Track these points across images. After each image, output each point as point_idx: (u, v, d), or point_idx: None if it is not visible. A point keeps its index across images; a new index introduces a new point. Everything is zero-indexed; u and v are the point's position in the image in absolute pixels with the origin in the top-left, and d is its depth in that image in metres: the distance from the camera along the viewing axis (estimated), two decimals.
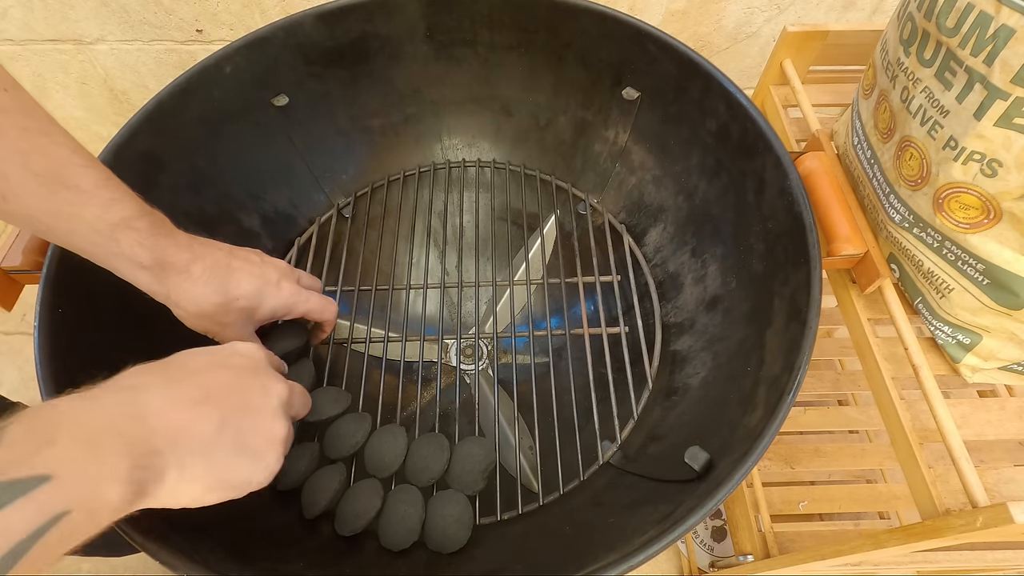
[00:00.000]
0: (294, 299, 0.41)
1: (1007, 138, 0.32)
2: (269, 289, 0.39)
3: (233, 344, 0.33)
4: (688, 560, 0.79)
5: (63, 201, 0.30)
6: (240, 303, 0.38)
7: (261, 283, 0.39)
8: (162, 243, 0.34)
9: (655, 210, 0.55)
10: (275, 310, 0.40)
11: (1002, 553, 0.51)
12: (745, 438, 0.35)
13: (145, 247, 0.33)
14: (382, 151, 0.60)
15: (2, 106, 0.29)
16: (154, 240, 0.34)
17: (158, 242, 0.34)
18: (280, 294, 0.40)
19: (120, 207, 0.32)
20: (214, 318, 0.37)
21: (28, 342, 1.01)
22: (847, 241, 0.43)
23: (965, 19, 0.32)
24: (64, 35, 0.81)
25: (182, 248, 0.35)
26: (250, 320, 0.40)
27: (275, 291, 0.40)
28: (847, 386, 0.73)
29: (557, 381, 0.52)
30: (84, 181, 0.31)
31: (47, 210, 0.30)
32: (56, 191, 0.30)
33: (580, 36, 0.51)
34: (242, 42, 0.48)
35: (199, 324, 0.38)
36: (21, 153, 0.29)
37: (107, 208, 0.32)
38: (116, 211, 0.32)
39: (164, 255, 0.34)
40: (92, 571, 0.81)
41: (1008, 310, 0.38)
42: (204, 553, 0.33)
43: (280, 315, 0.41)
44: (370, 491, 0.42)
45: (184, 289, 0.36)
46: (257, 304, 0.39)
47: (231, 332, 0.39)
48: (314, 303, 0.42)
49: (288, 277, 0.41)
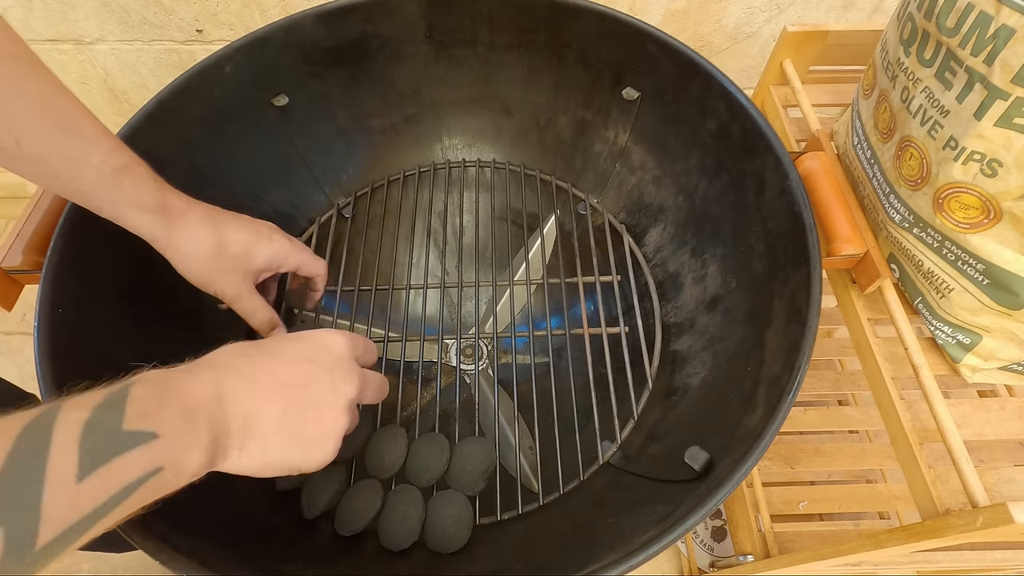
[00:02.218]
0: (286, 250, 0.43)
1: (1007, 138, 0.32)
2: (261, 240, 0.41)
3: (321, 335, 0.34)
4: (688, 560, 0.79)
5: (72, 147, 0.33)
6: (234, 248, 0.40)
7: (253, 233, 0.41)
8: (161, 186, 0.37)
9: (655, 210, 0.55)
10: (270, 260, 0.42)
11: (1002, 553, 0.51)
12: (745, 438, 0.35)
13: (146, 190, 0.36)
14: (382, 151, 0.60)
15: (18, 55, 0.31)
16: (154, 183, 0.36)
17: (157, 185, 0.36)
18: (272, 245, 0.42)
19: (121, 152, 0.35)
20: (210, 264, 0.39)
21: (28, 342, 1.00)
22: (847, 241, 0.43)
23: (965, 19, 0.32)
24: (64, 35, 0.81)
25: (179, 195, 0.38)
26: (246, 271, 0.41)
27: (267, 242, 0.42)
28: (847, 386, 0.73)
29: (557, 381, 0.52)
30: (90, 129, 0.33)
31: (58, 154, 0.32)
32: (67, 137, 0.32)
33: (580, 36, 0.51)
34: (242, 42, 0.48)
35: (196, 270, 0.39)
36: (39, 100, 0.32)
37: (111, 153, 0.34)
38: (118, 156, 0.34)
39: (164, 198, 0.36)
40: (92, 571, 0.81)
41: (1008, 310, 0.38)
42: (204, 553, 0.33)
43: (275, 266, 0.43)
44: (370, 491, 0.42)
45: (185, 231, 0.37)
46: (251, 252, 0.41)
47: (228, 280, 0.40)
48: (307, 256, 0.45)
49: (278, 232, 0.43)
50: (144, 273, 0.42)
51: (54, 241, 0.39)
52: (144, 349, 0.43)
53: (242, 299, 0.41)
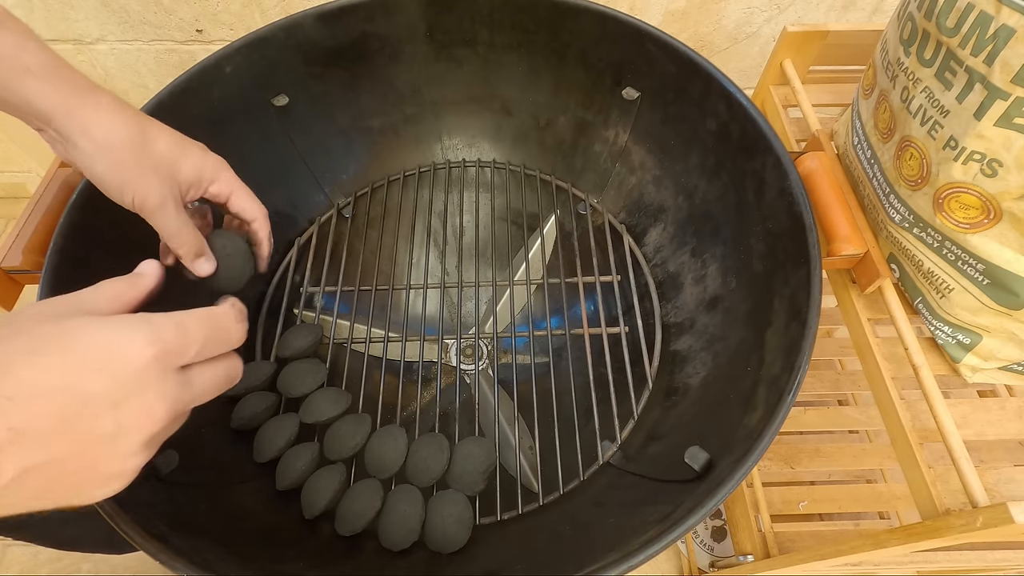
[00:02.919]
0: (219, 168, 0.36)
1: (1007, 138, 0.32)
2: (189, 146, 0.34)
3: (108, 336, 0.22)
4: (688, 560, 0.79)
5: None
6: (158, 146, 0.32)
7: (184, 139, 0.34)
8: (52, 53, 0.31)
9: (655, 210, 0.55)
10: (199, 171, 0.35)
11: (1002, 553, 0.51)
12: (745, 438, 0.35)
13: (29, 50, 0.30)
14: (382, 151, 0.60)
15: None
16: (39, 44, 0.30)
17: (46, 49, 0.30)
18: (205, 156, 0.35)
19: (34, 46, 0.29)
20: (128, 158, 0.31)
21: None
22: (847, 241, 0.43)
23: (965, 19, 0.32)
24: (64, 35, 0.81)
25: (79, 72, 0.31)
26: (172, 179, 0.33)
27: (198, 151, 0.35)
28: (847, 386, 0.73)
29: (557, 381, 0.52)
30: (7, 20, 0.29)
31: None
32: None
33: (580, 36, 0.51)
34: (242, 42, 0.48)
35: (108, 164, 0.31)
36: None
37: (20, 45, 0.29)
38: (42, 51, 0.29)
39: (58, 63, 0.30)
40: (92, 571, 0.81)
41: (1008, 310, 0.38)
42: (204, 553, 0.33)
43: (205, 183, 0.35)
44: (370, 491, 0.42)
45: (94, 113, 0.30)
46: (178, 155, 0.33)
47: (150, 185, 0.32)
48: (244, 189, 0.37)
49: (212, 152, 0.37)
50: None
51: (54, 241, 0.39)
52: None
53: (167, 211, 0.33)
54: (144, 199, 0.32)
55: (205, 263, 0.36)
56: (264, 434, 0.45)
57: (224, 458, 0.44)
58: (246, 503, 0.41)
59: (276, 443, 0.44)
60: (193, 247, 0.35)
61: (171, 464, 0.38)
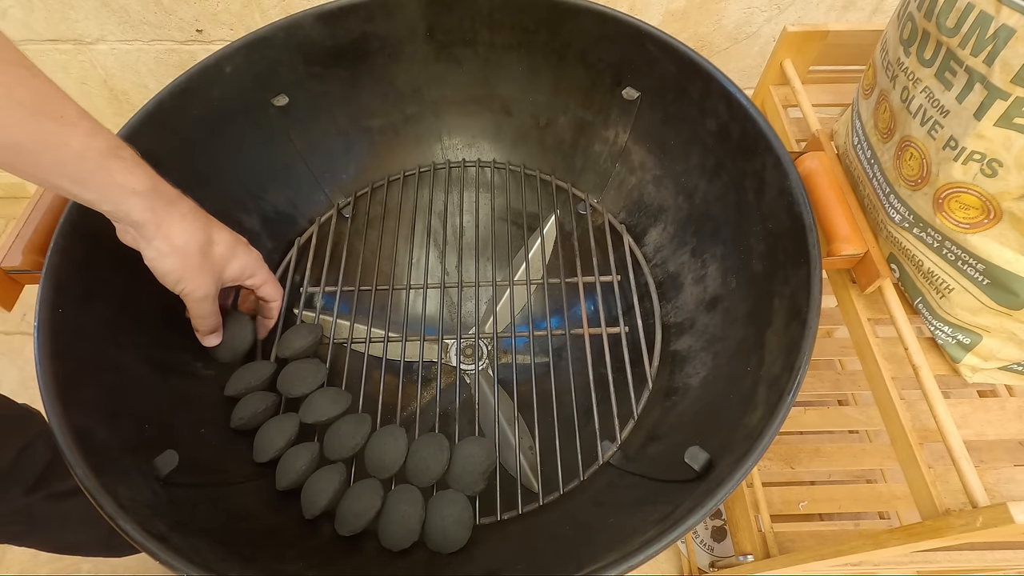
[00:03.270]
0: (256, 265, 0.44)
1: (1007, 138, 0.32)
2: (239, 247, 0.42)
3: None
4: (688, 560, 0.79)
5: (49, 131, 0.30)
6: (218, 248, 0.40)
7: (234, 238, 0.41)
8: (149, 172, 0.35)
9: (655, 210, 0.55)
10: (242, 269, 0.42)
11: (1002, 553, 0.51)
12: (745, 438, 0.35)
13: (136, 174, 0.34)
14: (382, 151, 0.60)
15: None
16: (143, 168, 0.34)
17: (146, 170, 0.35)
18: (249, 255, 0.43)
19: (104, 136, 0.32)
20: (192, 259, 0.38)
21: (28, 342, 1.00)
22: (847, 241, 0.43)
23: (965, 19, 0.32)
24: (64, 35, 0.81)
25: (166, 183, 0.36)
26: (219, 276, 0.41)
27: (246, 250, 0.42)
28: (847, 386, 0.73)
29: (557, 381, 0.52)
30: (68, 111, 0.31)
31: (35, 139, 0.30)
32: (42, 121, 0.30)
33: (580, 36, 0.51)
34: (242, 42, 0.48)
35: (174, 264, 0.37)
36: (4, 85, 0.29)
37: (92, 136, 0.32)
38: (101, 139, 0.32)
39: (155, 182, 0.35)
40: (92, 571, 0.81)
41: (1008, 310, 0.38)
42: (204, 553, 0.33)
43: (244, 277, 0.43)
44: (370, 491, 0.42)
45: (174, 221, 0.36)
46: (230, 256, 0.41)
47: (200, 281, 0.39)
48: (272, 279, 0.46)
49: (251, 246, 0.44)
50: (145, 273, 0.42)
51: (54, 241, 0.39)
52: (144, 350, 0.43)
53: (206, 302, 0.41)
54: (193, 291, 0.39)
55: (214, 339, 0.45)
56: (264, 434, 0.45)
57: (224, 458, 0.44)
58: (246, 503, 0.41)
59: (276, 443, 0.44)
60: (210, 327, 0.44)
61: (171, 464, 0.38)
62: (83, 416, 0.35)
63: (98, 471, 0.33)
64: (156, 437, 0.39)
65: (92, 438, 0.35)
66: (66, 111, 0.31)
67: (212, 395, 0.46)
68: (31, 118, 0.30)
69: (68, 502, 0.57)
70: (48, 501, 0.56)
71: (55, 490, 0.56)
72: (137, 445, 0.38)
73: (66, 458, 0.33)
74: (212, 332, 0.45)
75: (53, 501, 0.56)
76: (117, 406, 0.39)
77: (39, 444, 0.55)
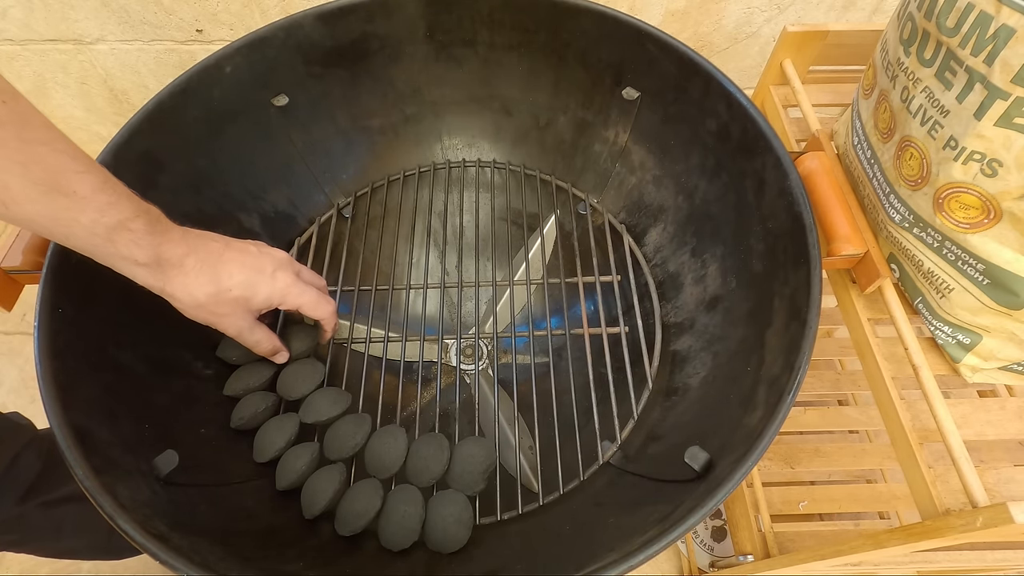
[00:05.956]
0: (288, 289, 0.42)
1: (1007, 138, 0.32)
2: (262, 279, 0.41)
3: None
4: (688, 560, 0.79)
5: (61, 207, 0.31)
6: (233, 293, 0.39)
7: (253, 272, 0.40)
8: (157, 240, 0.35)
9: (655, 210, 0.55)
10: (270, 298, 0.41)
11: (1002, 553, 0.51)
12: (745, 438, 0.35)
13: (141, 246, 0.34)
14: (382, 151, 0.60)
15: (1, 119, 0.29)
16: (150, 239, 0.35)
17: (153, 240, 0.35)
18: (275, 284, 0.41)
19: (115, 210, 0.33)
20: (209, 308, 0.39)
21: (28, 342, 1.00)
22: (847, 241, 0.43)
23: (965, 19, 0.32)
24: (64, 35, 0.81)
25: (176, 243, 0.37)
26: (247, 310, 0.41)
27: (269, 280, 0.41)
28: (847, 386, 0.73)
29: (557, 381, 0.52)
30: (82, 187, 0.32)
31: (46, 215, 0.31)
32: (55, 198, 0.31)
33: (580, 36, 0.51)
34: (242, 42, 0.48)
35: (197, 314, 0.39)
36: (21, 164, 0.30)
37: (103, 212, 0.33)
38: (112, 214, 0.33)
39: (160, 252, 0.36)
40: (92, 571, 0.81)
41: (1008, 310, 0.38)
42: (204, 553, 0.33)
43: (276, 304, 0.42)
44: (370, 491, 0.42)
45: (179, 282, 0.37)
46: (251, 294, 0.40)
47: (229, 322, 0.41)
48: (308, 297, 0.43)
49: (285, 268, 0.42)
50: None
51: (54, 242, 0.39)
52: (145, 349, 0.43)
53: (243, 336, 0.42)
54: (227, 330, 0.41)
55: (281, 356, 0.47)
56: (264, 434, 0.45)
57: (224, 458, 0.44)
58: (246, 503, 0.41)
59: (276, 443, 0.44)
60: (268, 350, 0.45)
61: (171, 464, 0.38)
62: (83, 416, 0.35)
63: (98, 471, 0.33)
64: (156, 437, 0.39)
65: (92, 438, 0.35)
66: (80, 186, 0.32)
67: (212, 395, 0.46)
68: (44, 196, 0.31)
69: (62, 509, 0.58)
70: (41, 509, 0.56)
71: (48, 498, 0.56)
72: (137, 445, 0.38)
73: (66, 458, 0.33)
74: (273, 353, 0.46)
75: (46, 509, 0.57)
76: (117, 406, 0.39)
77: (29, 453, 0.55)
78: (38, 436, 0.57)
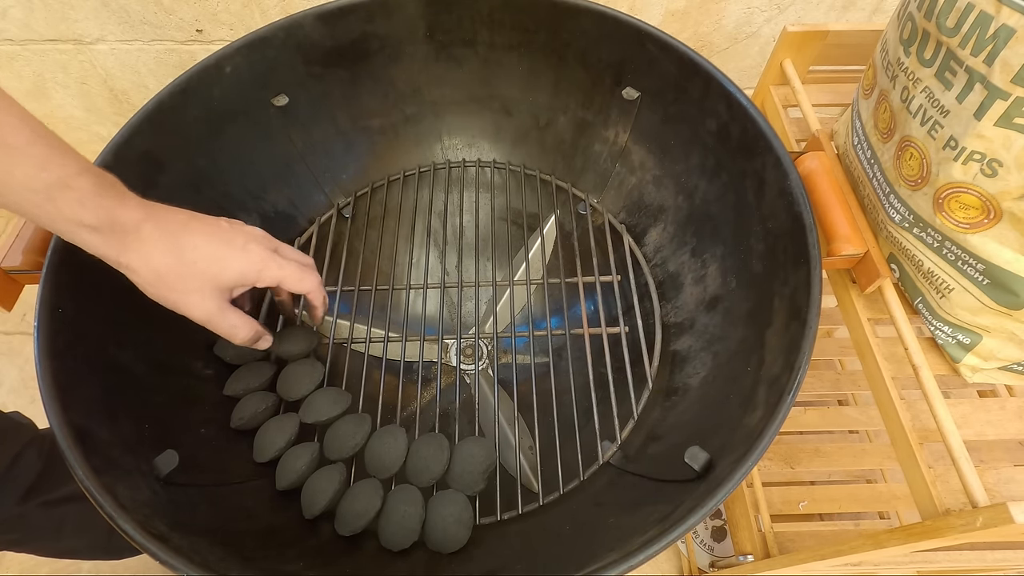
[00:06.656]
0: (264, 263, 0.37)
1: (1007, 138, 0.32)
2: (231, 251, 0.36)
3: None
4: (688, 560, 0.79)
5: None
6: (198, 266, 0.35)
7: (221, 244, 0.36)
8: (108, 203, 0.32)
9: (655, 210, 0.55)
10: (244, 274, 0.37)
11: (1002, 553, 0.51)
12: (745, 438, 0.35)
13: (86, 207, 0.31)
14: (382, 151, 0.60)
15: None
16: (98, 200, 0.31)
17: (103, 202, 0.31)
18: (247, 256, 0.37)
19: (54, 165, 0.30)
20: (170, 283, 0.34)
21: (28, 342, 1.00)
22: (847, 241, 0.43)
23: (965, 19, 0.32)
24: (64, 35, 0.81)
25: (132, 208, 0.33)
26: (216, 287, 0.36)
27: (240, 254, 0.36)
28: (847, 386, 0.73)
29: (557, 381, 0.52)
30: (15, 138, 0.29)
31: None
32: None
33: (580, 36, 0.51)
34: (242, 42, 0.48)
35: (158, 292, 0.35)
36: None
37: (42, 166, 0.29)
38: (52, 169, 0.30)
39: (112, 215, 0.32)
40: (92, 571, 0.81)
41: (1008, 310, 0.38)
42: (204, 553, 0.33)
43: (252, 281, 0.38)
44: (370, 491, 0.42)
45: (136, 251, 0.33)
46: (219, 268, 0.36)
47: (195, 301, 0.35)
48: (290, 270, 0.39)
49: (259, 242, 0.38)
50: None
51: (54, 241, 0.39)
52: (145, 349, 0.43)
53: (214, 322, 0.37)
54: (190, 315, 0.36)
55: (263, 343, 0.41)
56: (264, 434, 0.45)
57: (224, 458, 0.44)
58: (246, 503, 0.41)
59: (276, 443, 0.44)
60: (247, 337, 0.39)
61: (171, 464, 0.38)
62: (83, 416, 0.35)
63: (98, 471, 0.33)
64: (156, 437, 0.39)
65: (92, 438, 0.35)
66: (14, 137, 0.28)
67: (212, 395, 0.46)
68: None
69: (62, 508, 0.58)
70: (42, 508, 0.56)
71: (49, 498, 0.56)
72: (137, 445, 0.38)
73: (66, 458, 0.33)
74: (254, 340, 0.40)
75: (47, 508, 0.57)
76: (117, 406, 0.39)
77: (30, 453, 0.55)
78: (39, 435, 0.57)
